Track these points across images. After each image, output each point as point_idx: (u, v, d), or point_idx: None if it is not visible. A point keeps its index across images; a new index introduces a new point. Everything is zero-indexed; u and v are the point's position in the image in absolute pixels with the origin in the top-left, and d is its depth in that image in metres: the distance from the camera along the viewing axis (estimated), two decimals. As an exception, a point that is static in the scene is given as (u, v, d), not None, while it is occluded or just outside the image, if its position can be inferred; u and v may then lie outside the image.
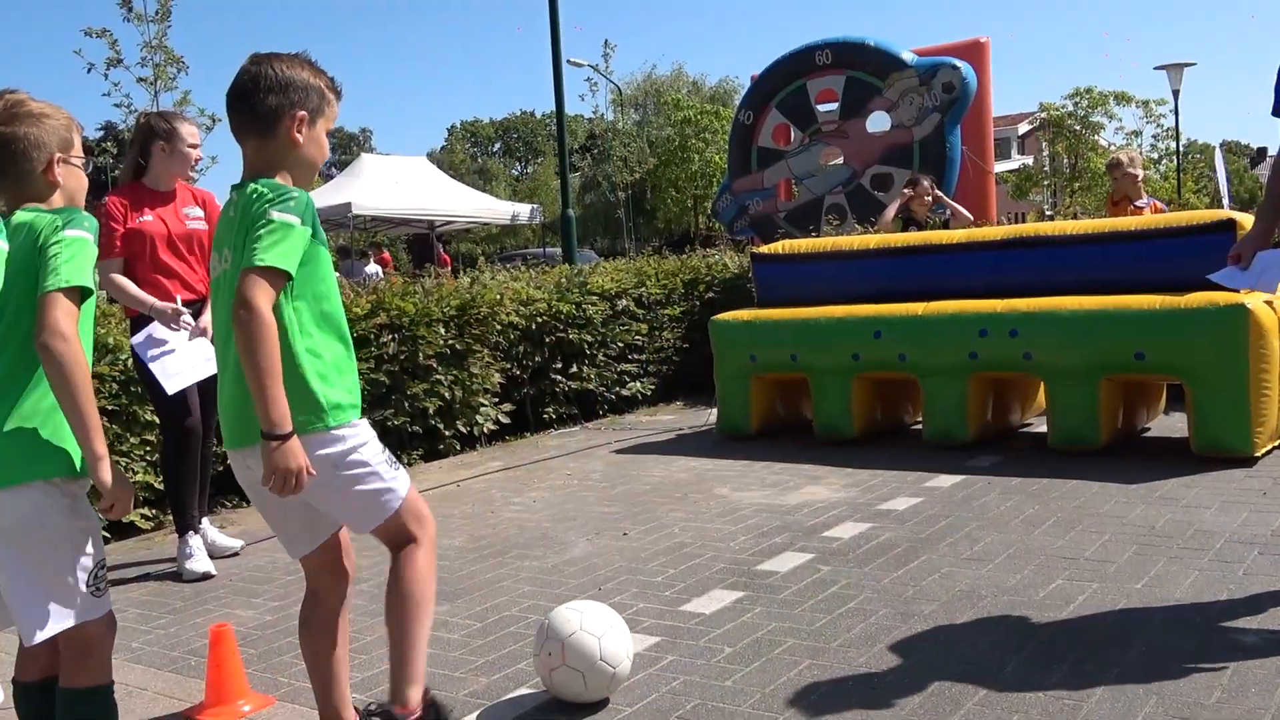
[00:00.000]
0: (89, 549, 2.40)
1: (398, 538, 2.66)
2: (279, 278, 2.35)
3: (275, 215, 2.36)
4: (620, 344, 8.50)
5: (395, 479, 2.60)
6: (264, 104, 2.47)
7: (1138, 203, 7.66)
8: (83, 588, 2.37)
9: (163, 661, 3.66)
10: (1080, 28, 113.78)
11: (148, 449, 5.41)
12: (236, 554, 4.95)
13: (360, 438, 2.55)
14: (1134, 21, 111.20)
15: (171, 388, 4.49)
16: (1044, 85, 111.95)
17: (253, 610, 4.15)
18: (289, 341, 2.42)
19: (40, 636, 2.35)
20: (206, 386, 4.61)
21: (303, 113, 2.50)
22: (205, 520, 4.92)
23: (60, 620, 2.35)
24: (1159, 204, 7.76)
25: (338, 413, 2.50)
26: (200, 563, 4.64)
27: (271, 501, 2.53)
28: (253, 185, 2.45)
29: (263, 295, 2.31)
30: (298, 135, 2.51)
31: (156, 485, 5.39)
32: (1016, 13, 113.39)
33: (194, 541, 4.70)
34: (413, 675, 2.62)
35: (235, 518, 5.74)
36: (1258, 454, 5.36)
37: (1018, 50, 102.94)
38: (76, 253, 2.33)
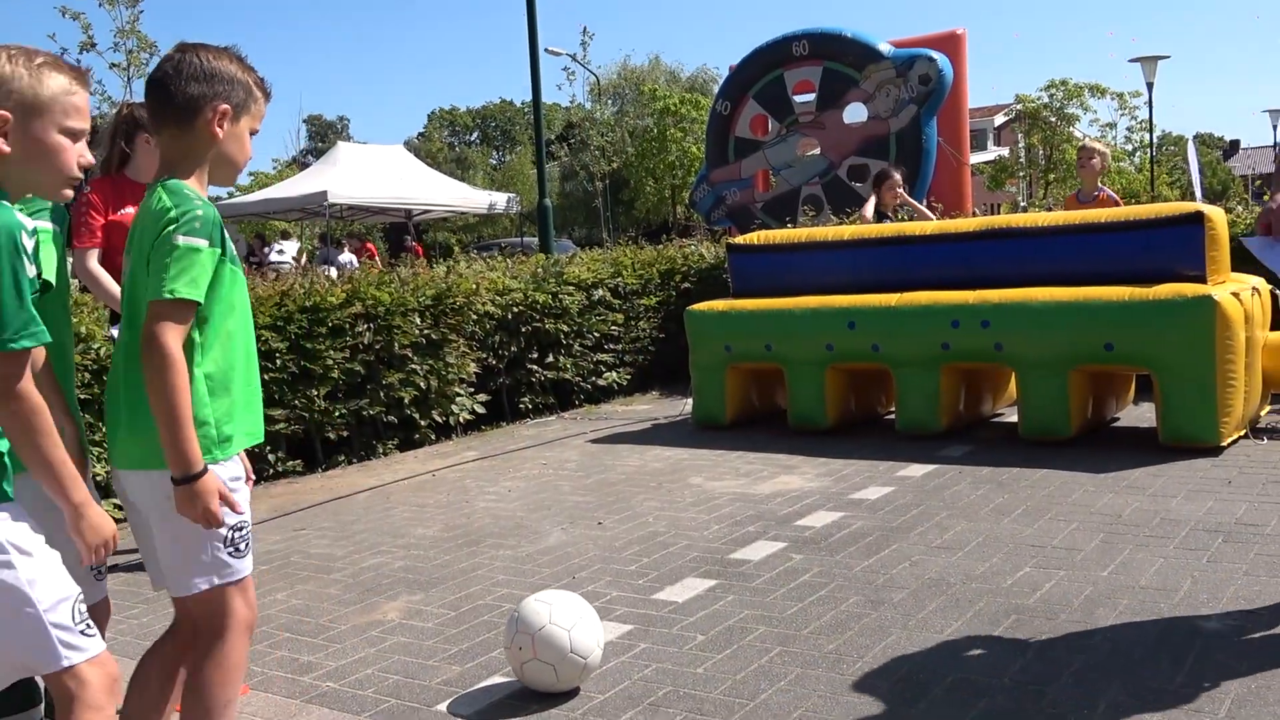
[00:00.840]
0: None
1: (211, 619, 2.35)
2: (188, 308, 2.21)
3: (181, 240, 2.20)
4: (596, 334, 8.52)
5: (247, 552, 2.38)
6: (184, 92, 2.29)
7: (1094, 193, 7.56)
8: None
9: (135, 651, 3.65)
10: (1056, 19, 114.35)
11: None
12: None
13: (239, 482, 2.36)
14: (1109, 14, 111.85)
15: None
16: (1021, 77, 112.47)
17: (226, 599, 4.15)
18: (189, 364, 2.25)
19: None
20: None
21: (225, 105, 2.32)
22: None
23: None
24: (1108, 192, 7.67)
25: (226, 446, 2.32)
26: None
27: (142, 532, 2.41)
28: (159, 194, 2.28)
29: (172, 333, 2.17)
30: (218, 129, 2.32)
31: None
32: (993, 5, 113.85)
33: None
34: None
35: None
36: (1224, 444, 5.43)
37: (994, 42, 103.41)
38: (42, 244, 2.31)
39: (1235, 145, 69.79)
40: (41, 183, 2.14)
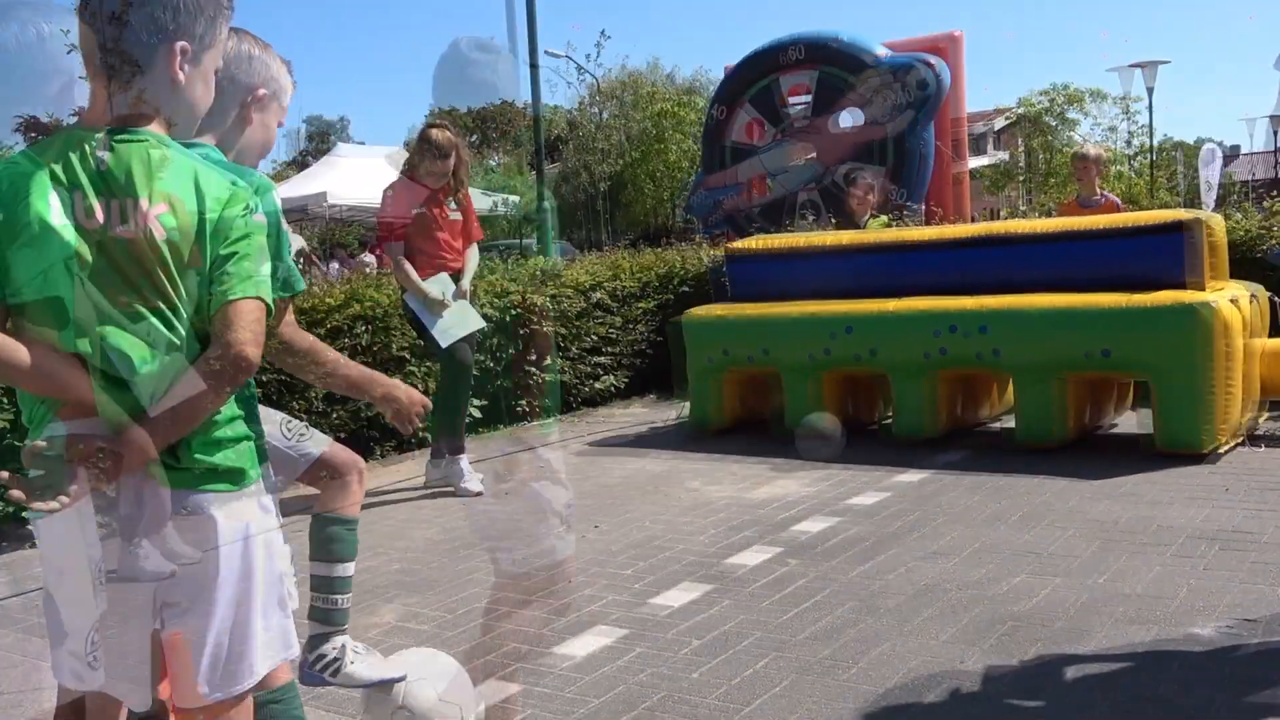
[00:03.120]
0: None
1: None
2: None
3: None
4: (593, 337, 8.51)
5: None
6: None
7: (1093, 199, 7.57)
8: None
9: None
10: (1059, 23, 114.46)
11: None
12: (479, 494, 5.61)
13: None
14: (1110, 18, 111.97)
15: (444, 341, 5.54)
16: (1021, 81, 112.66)
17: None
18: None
19: None
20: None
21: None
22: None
23: None
24: (1112, 197, 7.68)
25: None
26: (474, 482, 5.64)
27: None
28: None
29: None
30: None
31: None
32: (995, 7, 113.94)
33: (465, 462, 5.69)
34: None
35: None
36: (1220, 450, 5.43)
37: (993, 46, 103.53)
38: None
39: (1237, 150, 69.84)
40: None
